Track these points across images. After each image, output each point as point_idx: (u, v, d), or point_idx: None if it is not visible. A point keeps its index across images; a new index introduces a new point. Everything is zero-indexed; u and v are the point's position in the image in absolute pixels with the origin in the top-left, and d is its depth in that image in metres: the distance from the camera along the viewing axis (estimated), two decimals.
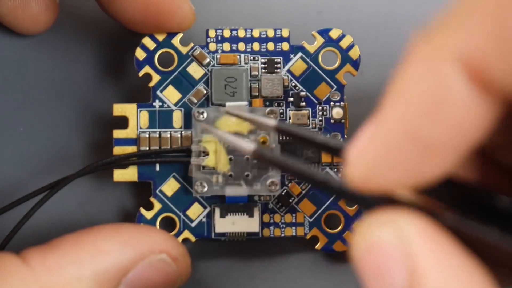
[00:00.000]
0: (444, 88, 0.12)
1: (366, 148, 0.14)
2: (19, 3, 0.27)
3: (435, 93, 0.12)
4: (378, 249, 0.14)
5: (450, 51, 0.12)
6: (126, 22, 0.27)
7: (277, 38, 0.28)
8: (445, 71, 0.12)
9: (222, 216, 0.27)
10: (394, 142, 0.13)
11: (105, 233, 0.23)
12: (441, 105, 0.12)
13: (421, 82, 0.13)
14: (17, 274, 0.22)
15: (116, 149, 0.27)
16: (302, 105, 0.27)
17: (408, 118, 0.13)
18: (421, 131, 0.13)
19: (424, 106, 0.13)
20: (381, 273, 0.14)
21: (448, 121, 0.13)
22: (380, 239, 0.14)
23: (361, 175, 0.14)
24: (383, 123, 0.14)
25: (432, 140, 0.13)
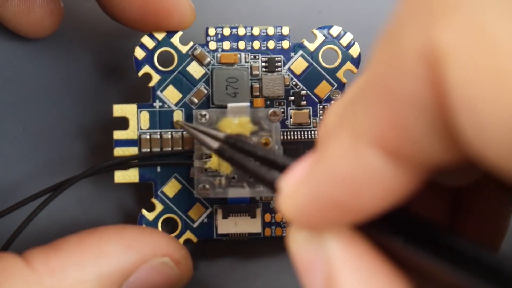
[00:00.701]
0: (362, 166, 0.14)
1: (299, 188, 0.16)
2: (23, 8, 0.27)
3: (354, 170, 0.15)
4: (302, 259, 0.17)
5: (366, 135, 0.14)
6: (125, 20, 0.27)
7: (278, 36, 0.27)
8: (363, 152, 0.14)
9: (224, 217, 0.27)
10: (321, 192, 0.15)
11: (108, 235, 0.23)
12: (359, 180, 0.15)
13: (343, 160, 0.15)
14: (20, 276, 0.22)
15: (116, 150, 0.26)
16: (303, 104, 0.27)
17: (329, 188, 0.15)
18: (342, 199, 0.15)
19: (344, 180, 0.15)
20: (305, 276, 0.17)
21: (363, 192, 0.15)
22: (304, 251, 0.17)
23: (293, 212, 0.16)
24: (314, 173, 0.16)
25: (349, 206, 0.15)
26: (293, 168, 0.17)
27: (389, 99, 0.14)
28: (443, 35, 0.13)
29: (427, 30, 0.13)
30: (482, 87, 0.12)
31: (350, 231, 0.16)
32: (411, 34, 0.14)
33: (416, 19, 0.14)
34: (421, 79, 0.13)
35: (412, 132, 0.14)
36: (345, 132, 0.15)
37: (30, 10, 0.27)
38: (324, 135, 0.17)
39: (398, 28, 0.14)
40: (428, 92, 0.13)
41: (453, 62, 0.13)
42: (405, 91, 0.14)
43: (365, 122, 0.14)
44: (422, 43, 0.13)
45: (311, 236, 0.16)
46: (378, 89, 0.14)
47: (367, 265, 0.16)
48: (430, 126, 0.14)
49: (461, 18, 0.13)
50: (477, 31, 0.12)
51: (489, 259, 0.14)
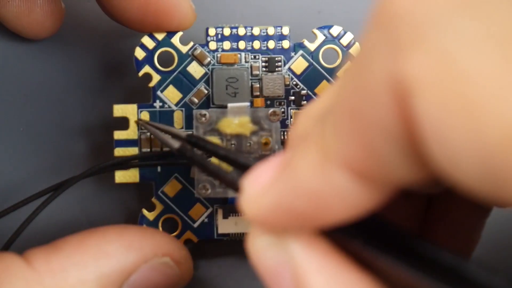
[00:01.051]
0: (329, 184, 0.15)
1: (263, 193, 0.16)
2: (24, 9, 0.27)
3: (320, 187, 0.15)
4: (266, 265, 0.17)
5: (335, 156, 0.15)
6: (126, 21, 0.27)
7: (278, 36, 0.27)
8: (330, 172, 0.15)
9: (225, 217, 0.27)
10: (286, 202, 0.16)
11: (109, 235, 0.23)
12: (324, 196, 0.15)
13: (310, 176, 0.15)
14: (21, 276, 0.22)
15: (117, 150, 0.26)
16: (304, 103, 0.27)
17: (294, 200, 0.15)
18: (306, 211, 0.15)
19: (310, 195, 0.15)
20: (272, 280, 0.17)
21: (328, 207, 0.15)
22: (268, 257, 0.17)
23: (256, 215, 0.16)
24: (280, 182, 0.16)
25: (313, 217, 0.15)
26: (257, 170, 0.17)
27: (357, 124, 0.14)
28: (410, 65, 0.13)
29: (394, 60, 0.13)
30: (449, 116, 0.12)
31: (313, 235, 0.16)
32: (378, 63, 0.14)
33: (383, 48, 0.14)
34: (389, 107, 0.13)
35: (380, 155, 0.14)
36: (314, 148, 0.15)
37: (31, 11, 0.27)
38: (293, 142, 0.17)
39: (367, 55, 0.14)
40: (396, 120, 0.13)
41: (420, 92, 0.13)
42: (373, 117, 0.14)
43: (334, 143, 0.15)
44: (389, 72, 0.13)
45: (274, 240, 0.16)
46: (347, 113, 0.14)
47: (332, 264, 0.16)
48: (399, 150, 0.14)
49: (427, 47, 0.13)
50: (443, 60, 0.13)
51: (451, 262, 0.14)
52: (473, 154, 0.12)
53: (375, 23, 0.14)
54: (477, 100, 0.12)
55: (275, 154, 0.17)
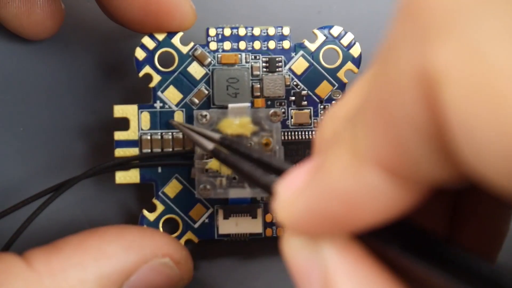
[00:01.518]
0: (362, 184, 0.15)
1: (297, 197, 0.16)
2: (24, 10, 0.27)
3: (354, 188, 0.15)
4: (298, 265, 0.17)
5: (367, 155, 0.15)
6: (126, 21, 0.27)
7: (278, 36, 0.27)
8: (363, 171, 0.15)
9: (225, 217, 0.27)
10: (319, 205, 0.16)
11: (109, 236, 0.23)
12: (359, 197, 0.15)
13: (343, 177, 0.15)
14: (21, 277, 0.22)
15: (117, 151, 0.26)
16: (304, 104, 0.27)
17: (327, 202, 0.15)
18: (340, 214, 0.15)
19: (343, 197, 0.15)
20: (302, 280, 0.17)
21: (362, 209, 0.15)
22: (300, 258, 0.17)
23: (290, 220, 0.16)
24: (313, 185, 0.16)
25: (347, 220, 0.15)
26: (290, 174, 0.17)
27: (387, 121, 0.14)
28: (438, 57, 0.13)
29: (422, 51, 0.13)
30: (477, 109, 0.12)
31: (346, 239, 0.16)
32: (406, 55, 0.14)
33: (411, 40, 0.14)
34: (417, 101, 0.13)
35: (411, 152, 0.14)
36: (345, 150, 0.15)
37: (31, 11, 0.27)
38: (322, 144, 0.17)
39: (393, 48, 0.14)
40: (424, 114, 0.13)
41: (448, 84, 0.13)
42: (402, 113, 0.14)
43: (365, 142, 0.15)
44: (417, 64, 0.13)
45: (307, 242, 0.17)
46: (376, 110, 0.14)
47: (363, 272, 0.16)
48: (428, 146, 0.14)
49: (456, 39, 0.13)
50: (472, 52, 0.12)
51: (484, 269, 0.14)
52: (501, 148, 0.12)
53: (403, 14, 0.14)
54: (506, 94, 0.12)
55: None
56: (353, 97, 0.17)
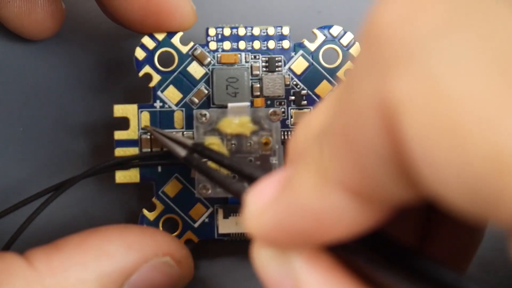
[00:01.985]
0: (327, 204, 0.15)
1: (265, 210, 0.16)
2: (25, 9, 0.27)
3: (320, 207, 0.15)
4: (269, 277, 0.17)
5: (332, 178, 0.15)
6: (126, 22, 0.27)
7: (278, 36, 0.27)
8: (329, 193, 0.15)
9: (225, 217, 0.27)
10: (286, 220, 0.16)
11: (109, 235, 0.23)
12: (324, 216, 0.15)
13: (310, 196, 0.15)
14: (21, 276, 0.22)
15: (117, 150, 0.26)
16: (304, 103, 0.27)
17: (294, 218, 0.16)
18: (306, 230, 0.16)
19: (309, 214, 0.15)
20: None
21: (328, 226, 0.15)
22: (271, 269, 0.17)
23: (258, 231, 0.17)
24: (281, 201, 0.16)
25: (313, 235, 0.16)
26: (260, 185, 0.17)
27: (350, 146, 0.14)
28: (397, 87, 0.13)
29: (381, 82, 0.13)
30: (435, 138, 0.13)
31: (316, 250, 0.17)
32: (366, 86, 0.14)
33: (371, 69, 0.14)
34: (378, 129, 0.14)
35: (373, 176, 0.14)
36: (313, 170, 0.15)
37: (31, 11, 0.27)
38: (294, 155, 0.18)
39: (355, 77, 0.15)
40: (385, 142, 0.14)
41: (406, 114, 0.13)
42: (364, 140, 0.14)
43: (330, 165, 0.15)
44: (377, 94, 0.14)
45: (277, 254, 0.17)
46: (340, 135, 0.15)
47: (333, 280, 0.16)
48: (390, 171, 0.14)
49: (413, 70, 0.13)
50: (429, 83, 0.13)
51: (452, 279, 0.15)
52: (459, 175, 0.12)
53: (363, 43, 0.14)
54: (462, 123, 0.12)
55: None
56: (323, 111, 0.17)
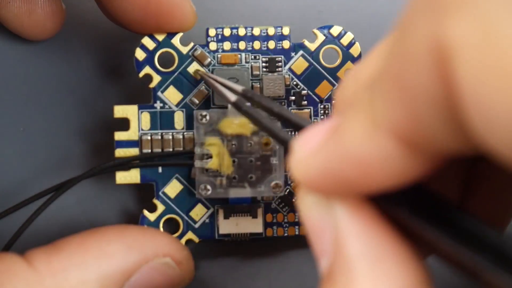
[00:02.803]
0: (377, 151, 0.15)
1: (312, 156, 0.16)
2: (25, 10, 0.27)
3: (369, 154, 0.15)
4: (311, 222, 0.17)
5: (383, 123, 0.15)
6: (126, 23, 0.27)
7: (278, 36, 0.27)
8: (379, 138, 0.15)
9: (226, 217, 0.27)
10: (334, 167, 0.16)
11: (110, 235, 0.23)
12: (373, 163, 0.15)
13: (360, 142, 0.15)
14: (22, 276, 0.22)
15: (118, 151, 0.26)
16: (304, 104, 0.27)
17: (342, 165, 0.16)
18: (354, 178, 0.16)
19: (358, 161, 0.15)
20: (315, 237, 0.17)
21: (376, 174, 0.15)
22: (314, 215, 0.17)
23: (304, 177, 0.17)
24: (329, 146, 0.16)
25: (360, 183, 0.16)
26: (308, 132, 0.17)
27: (402, 91, 0.14)
28: (452, 30, 0.13)
29: (437, 24, 0.13)
30: (488, 83, 0.13)
31: (359, 200, 0.17)
32: (421, 28, 0.14)
33: (426, 13, 0.14)
34: (431, 73, 0.14)
35: (425, 122, 0.14)
36: (363, 116, 0.15)
37: (31, 11, 0.27)
38: (341, 105, 0.18)
39: (409, 21, 0.14)
40: (438, 86, 0.14)
41: (461, 57, 0.13)
42: (416, 84, 0.14)
43: (381, 110, 0.15)
44: (431, 37, 0.14)
45: (321, 200, 0.17)
46: (392, 80, 0.15)
47: (373, 232, 0.16)
48: (442, 117, 0.14)
49: (470, 13, 0.13)
50: (485, 27, 0.13)
51: (492, 237, 0.15)
52: (509, 120, 0.12)
53: None
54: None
55: None
56: (374, 61, 0.17)
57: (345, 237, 0.16)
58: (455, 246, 0.15)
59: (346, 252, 0.16)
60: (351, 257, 0.16)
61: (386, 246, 0.16)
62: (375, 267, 0.16)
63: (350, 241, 0.16)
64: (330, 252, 0.17)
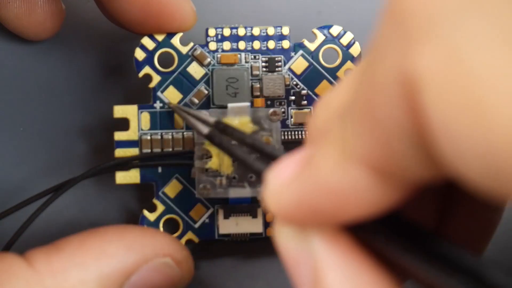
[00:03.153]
0: (349, 181, 0.15)
1: (286, 188, 0.16)
2: (25, 10, 0.27)
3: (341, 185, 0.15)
4: (289, 254, 0.17)
5: (354, 154, 0.15)
6: (126, 23, 0.27)
7: (278, 36, 0.27)
8: (351, 170, 0.15)
9: (225, 217, 0.27)
10: (307, 199, 0.16)
11: (109, 235, 0.23)
12: (345, 193, 0.15)
13: (332, 174, 0.15)
14: (22, 277, 0.22)
15: (117, 151, 0.26)
16: (304, 103, 0.27)
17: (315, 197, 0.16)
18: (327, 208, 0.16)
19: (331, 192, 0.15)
20: (293, 269, 0.17)
21: (349, 204, 0.15)
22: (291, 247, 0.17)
23: (278, 209, 0.17)
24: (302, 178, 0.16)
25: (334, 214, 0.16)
26: (281, 163, 0.17)
27: (372, 122, 0.14)
28: (419, 61, 0.13)
29: (404, 54, 0.13)
30: (456, 112, 0.13)
31: (335, 230, 0.17)
32: (389, 58, 0.14)
33: (394, 43, 0.14)
34: (400, 104, 0.14)
35: (396, 153, 0.14)
36: (335, 146, 0.15)
37: (31, 11, 0.27)
38: (314, 134, 0.18)
39: (377, 50, 0.14)
40: (407, 117, 0.14)
41: (428, 88, 0.13)
42: (386, 116, 0.14)
43: (352, 142, 0.15)
44: (399, 68, 0.13)
45: (297, 232, 0.17)
46: (362, 112, 0.15)
47: (351, 261, 0.16)
48: (412, 147, 0.14)
49: (436, 43, 0.13)
50: (452, 56, 0.13)
51: (468, 262, 0.15)
52: (480, 151, 0.12)
53: (387, 17, 0.14)
54: (484, 98, 0.12)
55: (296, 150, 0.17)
56: (345, 88, 0.17)
57: (323, 268, 0.16)
58: (431, 271, 0.15)
59: (325, 284, 0.16)
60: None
61: (364, 275, 0.16)
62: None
63: (328, 272, 0.16)
64: (308, 284, 0.17)
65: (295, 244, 0.17)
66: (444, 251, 0.15)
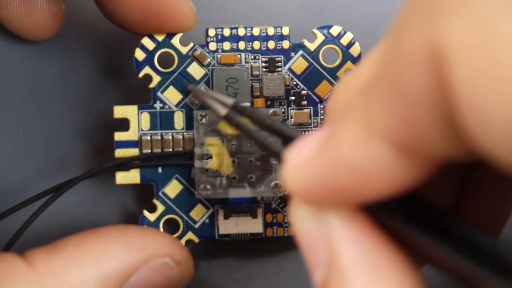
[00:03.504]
0: (372, 157, 0.15)
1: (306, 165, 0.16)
2: (25, 10, 0.27)
3: (364, 160, 0.15)
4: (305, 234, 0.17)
5: (378, 129, 0.15)
6: (126, 23, 0.27)
7: (278, 36, 0.27)
8: (374, 145, 0.15)
9: (225, 218, 0.27)
10: (328, 175, 0.16)
11: (109, 236, 0.23)
12: (367, 170, 0.15)
13: (354, 149, 0.15)
14: (21, 277, 0.22)
15: (117, 151, 0.26)
16: (304, 104, 0.27)
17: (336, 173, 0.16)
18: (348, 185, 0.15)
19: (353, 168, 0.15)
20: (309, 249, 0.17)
21: (370, 181, 0.15)
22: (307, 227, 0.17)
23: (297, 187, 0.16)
24: (323, 155, 0.16)
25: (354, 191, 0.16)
26: (301, 141, 0.17)
27: (398, 95, 0.14)
28: (448, 32, 0.13)
29: (432, 26, 0.13)
30: (484, 84, 0.12)
31: (352, 210, 0.16)
32: (416, 30, 0.14)
33: (422, 15, 0.14)
34: (426, 75, 0.13)
35: (421, 127, 0.14)
36: (357, 122, 0.15)
37: (31, 12, 0.27)
38: (334, 114, 0.18)
39: (405, 23, 0.14)
40: (433, 88, 0.13)
41: (457, 58, 0.13)
42: (412, 88, 0.14)
43: (376, 116, 0.15)
44: (427, 39, 0.13)
45: (314, 211, 0.17)
46: (388, 85, 0.14)
47: (368, 242, 0.16)
48: (437, 122, 0.14)
49: (465, 14, 0.13)
50: (480, 27, 0.13)
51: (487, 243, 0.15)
52: (507, 123, 0.12)
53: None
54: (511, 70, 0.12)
55: None
56: (366, 68, 0.17)
57: (339, 247, 0.16)
58: (451, 253, 0.15)
59: (341, 262, 0.16)
60: (346, 267, 0.16)
61: (381, 255, 0.16)
62: (370, 276, 0.16)
63: (344, 250, 0.16)
64: (324, 263, 0.16)
65: (311, 225, 0.17)
66: (463, 233, 0.15)
